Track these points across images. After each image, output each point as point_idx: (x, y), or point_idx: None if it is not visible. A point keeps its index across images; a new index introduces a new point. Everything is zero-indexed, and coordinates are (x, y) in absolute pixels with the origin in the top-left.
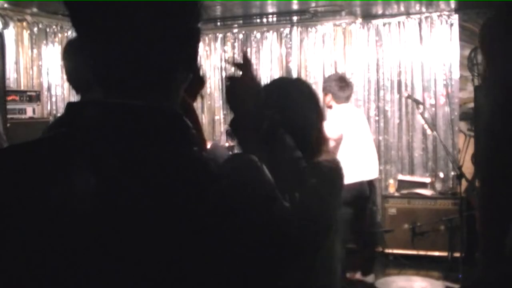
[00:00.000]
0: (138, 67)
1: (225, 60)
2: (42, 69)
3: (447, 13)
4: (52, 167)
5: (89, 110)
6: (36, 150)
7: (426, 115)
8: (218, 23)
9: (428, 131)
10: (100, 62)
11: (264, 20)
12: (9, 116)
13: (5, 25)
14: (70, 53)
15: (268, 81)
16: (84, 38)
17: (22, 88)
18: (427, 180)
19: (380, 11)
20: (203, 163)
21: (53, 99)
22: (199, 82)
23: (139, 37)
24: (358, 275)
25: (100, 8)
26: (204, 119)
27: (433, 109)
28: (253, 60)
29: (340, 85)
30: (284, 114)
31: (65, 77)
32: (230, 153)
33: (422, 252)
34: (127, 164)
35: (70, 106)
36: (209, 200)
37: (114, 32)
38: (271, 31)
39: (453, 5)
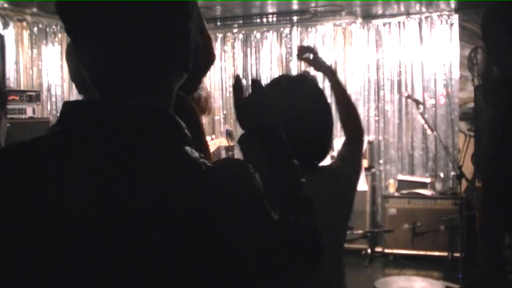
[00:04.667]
0: (130, 67)
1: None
2: (42, 69)
3: (447, 13)
4: (47, 166)
5: (83, 110)
6: (32, 150)
7: (426, 115)
8: (218, 23)
9: (428, 131)
10: (93, 64)
11: (264, 20)
12: (9, 116)
13: (5, 25)
14: (73, 53)
15: (270, 81)
16: (77, 41)
17: (22, 88)
18: (427, 180)
19: (380, 11)
20: (192, 162)
21: (53, 99)
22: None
23: (131, 38)
24: None
25: (91, 11)
26: (204, 119)
27: (433, 109)
28: (253, 60)
29: None
30: (294, 118)
31: (65, 77)
32: (230, 153)
33: (422, 252)
34: (118, 162)
35: (66, 105)
36: (196, 199)
37: (105, 34)
38: (271, 31)
39: (453, 5)
